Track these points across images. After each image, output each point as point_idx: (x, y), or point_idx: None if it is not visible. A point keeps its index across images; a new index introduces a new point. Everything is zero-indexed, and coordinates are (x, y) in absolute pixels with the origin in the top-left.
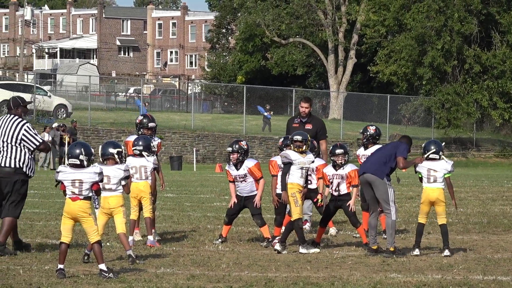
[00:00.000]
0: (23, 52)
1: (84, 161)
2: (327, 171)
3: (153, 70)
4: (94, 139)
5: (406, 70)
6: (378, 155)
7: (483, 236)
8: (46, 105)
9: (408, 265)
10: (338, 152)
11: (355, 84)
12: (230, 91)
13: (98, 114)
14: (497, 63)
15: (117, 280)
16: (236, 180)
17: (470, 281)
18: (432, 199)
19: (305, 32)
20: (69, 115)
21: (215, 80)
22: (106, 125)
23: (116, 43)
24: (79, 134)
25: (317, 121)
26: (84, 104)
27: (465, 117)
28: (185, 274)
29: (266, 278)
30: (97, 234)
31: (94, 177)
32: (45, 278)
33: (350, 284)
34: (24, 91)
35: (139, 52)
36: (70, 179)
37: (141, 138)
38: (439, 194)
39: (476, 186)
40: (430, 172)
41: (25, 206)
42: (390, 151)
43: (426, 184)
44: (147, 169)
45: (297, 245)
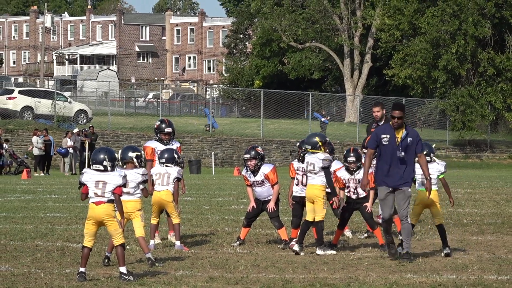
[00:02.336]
0: (44, 58)
1: (108, 167)
2: (342, 174)
3: (172, 76)
4: (114, 144)
5: (421, 74)
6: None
7: (498, 236)
8: (67, 110)
9: (423, 265)
10: (350, 160)
11: (371, 88)
12: (247, 96)
13: (117, 119)
14: (511, 65)
15: (136, 282)
16: (254, 185)
17: (485, 281)
18: (427, 202)
19: (321, 36)
20: (89, 121)
21: (232, 84)
22: (126, 130)
23: (135, 49)
24: (99, 139)
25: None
26: (104, 109)
27: (479, 119)
28: (203, 276)
29: (284, 280)
30: (122, 236)
31: (119, 180)
32: (66, 281)
33: (366, 285)
34: (45, 97)
35: (157, 58)
36: (94, 180)
37: (166, 151)
38: (433, 196)
39: (491, 188)
40: (423, 176)
41: (46, 210)
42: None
43: (421, 187)
44: (170, 176)
45: (314, 247)
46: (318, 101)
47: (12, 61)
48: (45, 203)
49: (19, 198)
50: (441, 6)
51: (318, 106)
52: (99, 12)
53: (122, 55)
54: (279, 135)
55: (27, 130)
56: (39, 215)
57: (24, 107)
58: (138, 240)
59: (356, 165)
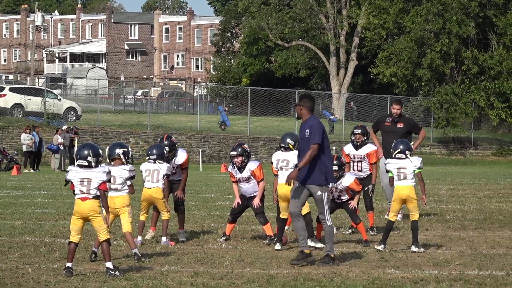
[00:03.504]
0: (34, 56)
1: (92, 162)
2: None
3: (160, 74)
4: (103, 140)
5: (406, 72)
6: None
7: (479, 232)
8: (56, 108)
9: (406, 261)
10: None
11: (356, 86)
12: (235, 93)
13: (106, 116)
14: (494, 64)
15: (122, 278)
16: (240, 181)
17: (466, 276)
18: (403, 197)
19: (308, 35)
20: (78, 118)
21: (220, 82)
22: (115, 127)
23: (124, 47)
24: (88, 135)
25: (407, 120)
26: (94, 107)
27: (463, 116)
28: (189, 271)
29: (268, 275)
30: (107, 232)
31: (103, 177)
32: (52, 277)
33: (349, 280)
34: (35, 94)
35: (146, 56)
36: (79, 178)
37: (155, 147)
38: (409, 191)
39: (474, 184)
40: (400, 170)
41: (35, 206)
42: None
43: (397, 182)
44: (160, 173)
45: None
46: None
47: (3, 59)
48: (34, 199)
49: (8, 194)
50: (425, 6)
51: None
52: (89, 11)
53: (111, 53)
54: (266, 132)
55: (17, 127)
56: (27, 211)
57: (14, 105)
58: (125, 235)
59: (338, 173)
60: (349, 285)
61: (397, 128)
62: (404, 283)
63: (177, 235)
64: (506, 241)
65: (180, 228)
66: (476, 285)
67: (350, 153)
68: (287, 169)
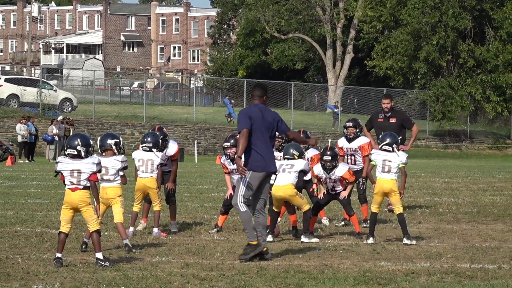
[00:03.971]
0: (31, 47)
1: (82, 152)
2: (318, 172)
3: (157, 65)
4: (99, 131)
5: (402, 65)
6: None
7: (472, 225)
8: (52, 99)
9: (398, 253)
10: (326, 158)
11: (353, 78)
12: (231, 85)
13: (102, 107)
14: (490, 57)
15: (112, 268)
16: (233, 173)
17: (458, 269)
18: (385, 190)
19: (304, 27)
20: (74, 109)
21: (216, 74)
22: (110, 118)
23: (121, 38)
24: (84, 127)
25: (399, 114)
26: (90, 98)
27: (459, 110)
28: (179, 262)
29: (259, 267)
30: (97, 223)
31: (92, 168)
32: (42, 267)
33: (340, 272)
34: (31, 85)
35: (143, 48)
36: (69, 169)
37: (150, 135)
38: (392, 185)
39: (468, 177)
40: (385, 163)
41: (28, 196)
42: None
43: (381, 174)
44: (154, 163)
45: (290, 234)
46: (300, 91)
47: (0, 49)
48: (27, 189)
49: (1, 184)
50: None
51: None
52: (85, 2)
53: (108, 44)
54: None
55: (12, 118)
56: (20, 201)
57: (10, 95)
58: (116, 225)
59: (332, 164)
60: (340, 278)
61: (389, 124)
62: (395, 276)
63: (169, 226)
64: (499, 234)
65: (172, 220)
66: (467, 278)
67: (343, 146)
68: (290, 172)
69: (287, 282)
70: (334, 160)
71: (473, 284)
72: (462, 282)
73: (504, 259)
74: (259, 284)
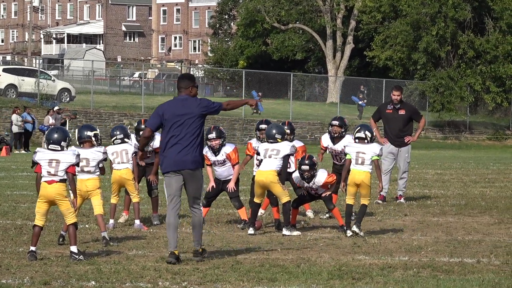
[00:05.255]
0: (32, 37)
1: (65, 147)
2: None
3: (158, 55)
4: (97, 122)
5: (402, 55)
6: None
7: (459, 218)
8: (50, 89)
9: (378, 247)
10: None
11: (353, 69)
12: (231, 76)
13: (101, 98)
14: (490, 48)
15: (86, 262)
16: (215, 164)
17: (436, 263)
18: (357, 181)
19: (304, 18)
20: (72, 99)
21: (217, 64)
22: (109, 109)
23: (122, 28)
24: (82, 117)
25: (409, 107)
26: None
27: (458, 100)
28: (155, 256)
29: (235, 260)
30: (74, 216)
31: (72, 159)
32: (16, 260)
33: (316, 266)
34: (29, 75)
35: (144, 38)
36: (47, 159)
37: (118, 128)
38: (364, 177)
39: (462, 169)
40: (358, 155)
41: (14, 188)
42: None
43: (354, 166)
44: (128, 152)
45: (273, 227)
46: (301, 81)
47: (0, 39)
48: (15, 180)
49: None
50: None
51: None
52: None
53: (109, 34)
54: (261, 115)
55: (10, 108)
56: (5, 193)
57: (8, 85)
58: (96, 217)
59: (310, 173)
60: (314, 272)
61: (398, 115)
62: (371, 270)
63: (151, 218)
64: (483, 227)
65: (154, 212)
66: (444, 272)
67: (328, 146)
68: (276, 158)
69: (260, 276)
70: (312, 169)
71: (449, 278)
72: (438, 276)
73: (485, 252)
74: (231, 279)
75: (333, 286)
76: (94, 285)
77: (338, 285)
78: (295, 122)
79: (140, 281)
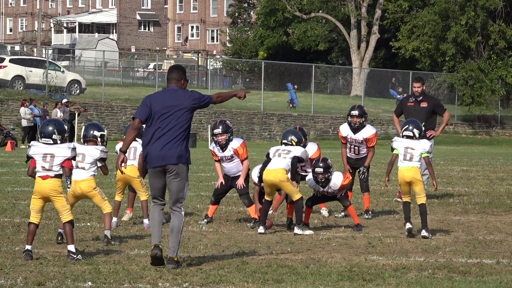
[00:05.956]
0: (41, 26)
1: (58, 140)
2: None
3: (174, 45)
4: (108, 115)
5: (429, 46)
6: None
7: (481, 217)
8: (59, 80)
9: (394, 247)
10: (318, 171)
11: (379, 60)
12: (251, 67)
13: (114, 90)
14: None
15: (84, 262)
16: (223, 161)
17: (452, 263)
18: (407, 179)
19: (327, 6)
20: (83, 91)
21: (236, 55)
22: (121, 101)
23: (136, 17)
24: (93, 110)
25: (431, 99)
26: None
27: (489, 94)
28: None
29: (241, 261)
30: (70, 213)
31: (67, 153)
32: (10, 260)
33: (326, 266)
34: (37, 66)
35: (159, 27)
36: (42, 153)
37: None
38: (414, 173)
39: (489, 165)
40: (407, 150)
41: (16, 184)
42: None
43: (401, 163)
44: (137, 150)
45: (284, 226)
46: (324, 73)
47: (9, 28)
48: (17, 176)
49: None
50: None
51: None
52: None
53: (122, 23)
54: (281, 108)
55: (17, 100)
56: (6, 189)
57: (15, 77)
58: (104, 216)
59: (324, 176)
60: (323, 273)
61: (420, 108)
62: (383, 271)
63: None
64: (507, 227)
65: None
66: (460, 273)
67: (348, 136)
68: (285, 158)
69: (266, 277)
70: (327, 172)
71: (464, 280)
72: (454, 278)
73: (505, 253)
74: (235, 280)
75: None
76: (90, 286)
77: (347, 287)
78: (317, 116)
79: (140, 282)
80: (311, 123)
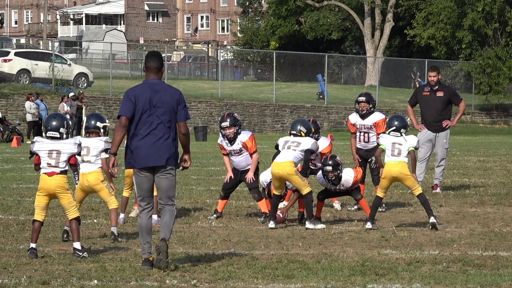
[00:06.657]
0: (47, 18)
1: (64, 134)
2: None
3: (183, 36)
4: (116, 109)
5: (445, 34)
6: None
7: (498, 208)
8: (66, 74)
9: (407, 240)
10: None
11: (394, 49)
12: (263, 58)
13: (122, 83)
14: None
15: (90, 259)
16: (231, 154)
17: (467, 256)
18: (394, 174)
19: None
20: (90, 85)
21: (247, 46)
22: None
23: (144, 8)
24: (100, 104)
25: (447, 88)
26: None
27: (507, 82)
28: None
29: (251, 256)
30: (76, 210)
31: (73, 149)
32: (15, 258)
33: (338, 261)
34: (43, 59)
35: (168, 18)
36: (47, 150)
37: None
38: (401, 168)
39: (507, 155)
40: (394, 146)
41: (21, 181)
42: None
43: (389, 158)
44: None
45: (295, 221)
46: (337, 63)
47: (14, 21)
48: (23, 173)
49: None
50: None
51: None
52: None
53: (130, 14)
54: (293, 99)
55: (23, 95)
56: (11, 186)
57: (20, 70)
58: (110, 211)
59: (334, 174)
60: (335, 268)
61: (436, 97)
62: (396, 265)
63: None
64: None
65: None
66: (475, 266)
67: (356, 122)
68: (294, 150)
69: (277, 273)
70: (336, 170)
71: (479, 273)
72: (468, 271)
73: None
74: (244, 276)
75: (354, 283)
76: (96, 284)
77: (359, 282)
78: (330, 107)
79: (147, 279)
80: (324, 114)
